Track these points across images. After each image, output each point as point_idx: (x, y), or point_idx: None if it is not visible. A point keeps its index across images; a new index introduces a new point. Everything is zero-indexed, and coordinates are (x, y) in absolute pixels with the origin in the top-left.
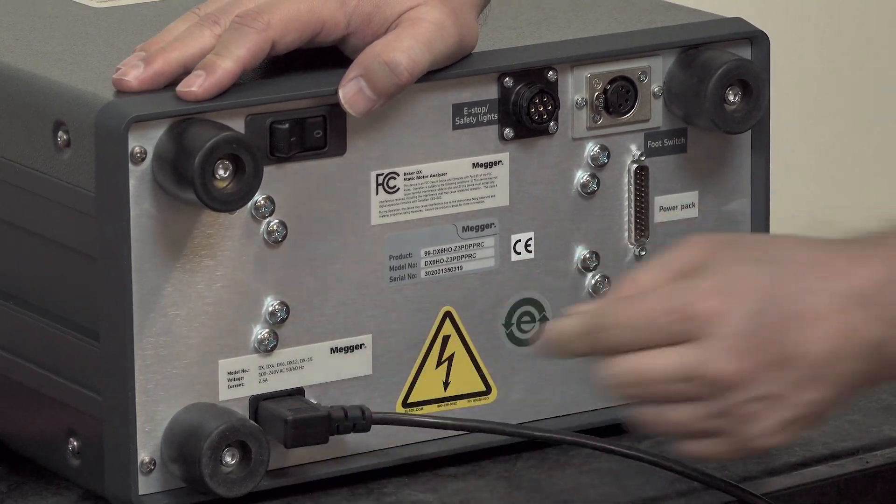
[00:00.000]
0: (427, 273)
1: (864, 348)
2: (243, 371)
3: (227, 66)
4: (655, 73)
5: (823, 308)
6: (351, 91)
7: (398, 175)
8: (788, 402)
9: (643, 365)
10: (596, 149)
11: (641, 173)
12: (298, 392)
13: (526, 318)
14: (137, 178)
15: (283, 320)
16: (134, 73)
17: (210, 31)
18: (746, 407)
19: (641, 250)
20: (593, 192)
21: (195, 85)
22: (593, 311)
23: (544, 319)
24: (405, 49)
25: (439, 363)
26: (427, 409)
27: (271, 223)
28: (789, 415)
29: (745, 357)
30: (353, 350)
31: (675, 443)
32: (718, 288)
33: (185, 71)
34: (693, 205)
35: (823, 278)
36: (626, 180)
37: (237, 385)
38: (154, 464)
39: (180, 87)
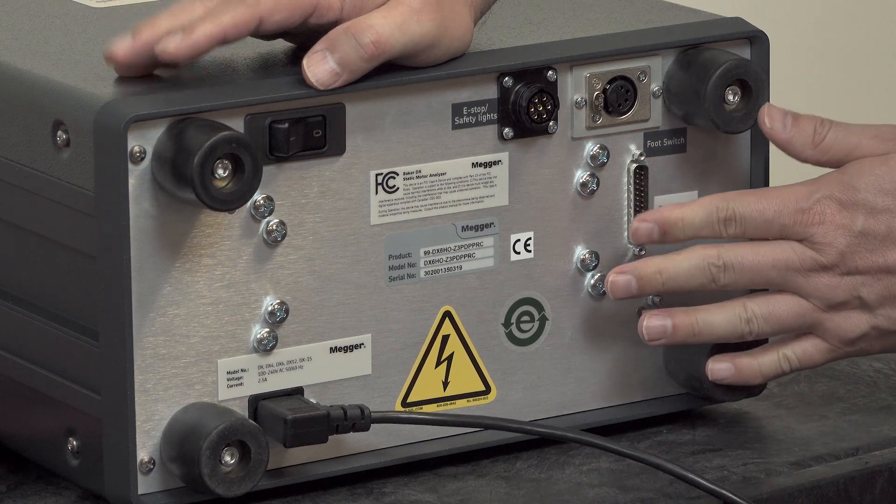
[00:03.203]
0: (426, 273)
1: None
2: (242, 370)
3: (206, 28)
4: (655, 72)
5: None
6: (315, 61)
7: (397, 175)
8: (880, 312)
9: (759, 249)
10: (595, 148)
11: (641, 173)
12: (298, 391)
13: (525, 318)
14: (137, 177)
15: (283, 320)
16: (122, 45)
17: (202, 4)
18: (840, 307)
19: (641, 250)
20: (593, 192)
21: (172, 44)
22: (721, 199)
23: (544, 319)
24: (373, 25)
25: (439, 363)
26: (426, 409)
27: (271, 223)
28: (880, 325)
29: (841, 264)
30: (352, 350)
31: (773, 343)
32: (841, 199)
33: None
34: None
35: None
36: (625, 180)
37: (236, 384)
38: (153, 463)
39: (157, 46)
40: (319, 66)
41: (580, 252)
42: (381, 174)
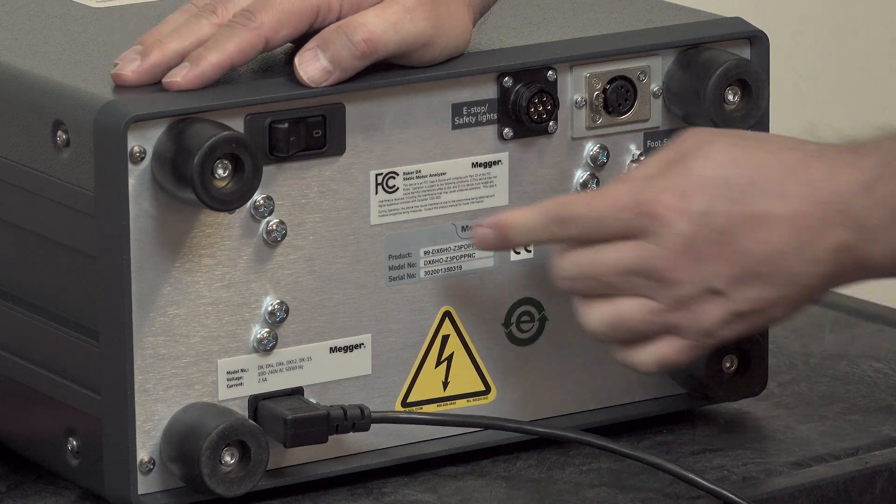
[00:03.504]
0: (426, 273)
1: (826, 252)
2: (242, 370)
3: (212, 58)
4: (655, 72)
5: (788, 211)
6: (307, 59)
7: (397, 175)
8: (735, 297)
9: (597, 254)
10: (595, 148)
11: None
12: (298, 391)
13: (525, 318)
14: (137, 177)
15: (283, 320)
16: (131, 67)
17: (207, 21)
18: (691, 301)
19: None
20: None
21: (179, 76)
22: (555, 202)
23: (544, 319)
24: (366, 23)
25: (438, 363)
26: (426, 409)
27: (270, 223)
28: (738, 308)
29: (685, 255)
30: (352, 350)
31: (626, 351)
32: (680, 187)
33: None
34: None
35: (798, 183)
36: None
37: (236, 384)
38: (153, 463)
39: (165, 78)
40: (311, 65)
41: None
42: (381, 174)
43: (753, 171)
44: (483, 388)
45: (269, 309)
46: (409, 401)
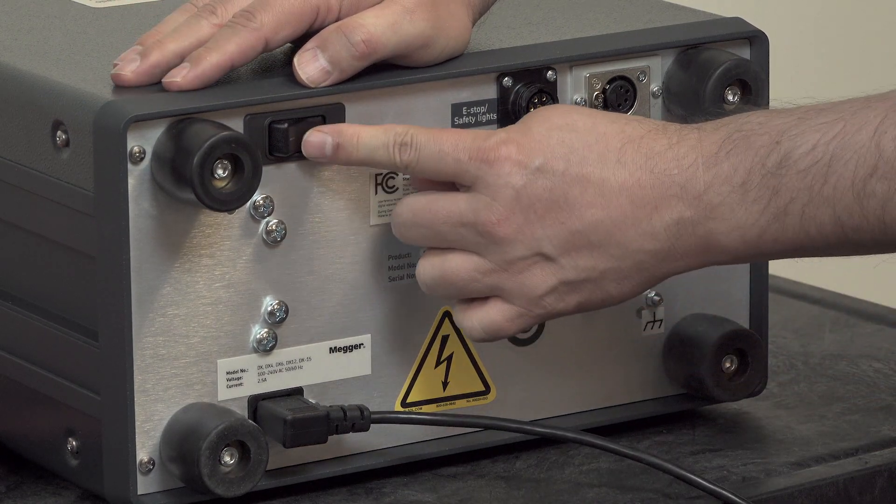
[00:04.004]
0: None
1: (663, 225)
2: (242, 371)
3: (212, 59)
4: (654, 72)
5: (624, 179)
6: (306, 59)
7: (397, 175)
8: (564, 263)
9: (432, 201)
10: None
11: None
12: (297, 392)
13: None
14: (136, 177)
15: (282, 320)
16: (131, 67)
17: (207, 21)
18: (520, 263)
19: None
20: None
21: (179, 76)
22: (402, 126)
23: None
24: (365, 24)
25: (438, 363)
26: (426, 409)
27: (270, 223)
28: (567, 276)
29: (516, 211)
30: (352, 350)
31: (458, 311)
32: (519, 141)
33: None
34: None
35: (637, 151)
36: None
37: (236, 385)
38: (153, 463)
39: (165, 78)
40: (310, 65)
41: None
42: (381, 174)
43: (593, 137)
44: (483, 389)
45: (269, 309)
46: (408, 401)
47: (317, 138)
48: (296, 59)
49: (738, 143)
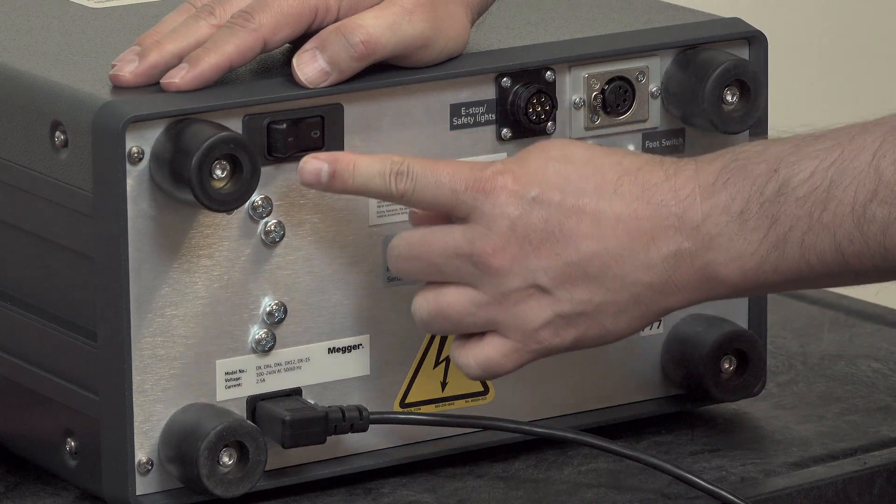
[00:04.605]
0: None
1: (660, 257)
2: (241, 371)
3: (211, 59)
4: (653, 73)
5: (621, 210)
6: (305, 60)
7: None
8: (560, 296)
9: (428, 234)
10: None
11: None
12: (296, 392)
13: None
14: (135, 178)
15: (281, 320)
16: (129, 68)
17: (206, 21)
18: (515, 295)
19: None
20: None
21: (177, 77)
22: (399, 155)
23: None
24: (364, 25)
25: (437, 363)
26: (425, 410)
27: (269, 223)
28: (563, 309)
29: (511, 241)
30: (350, 350)
31: (454, 349)
32: (516, 172)
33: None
34: None
35: (634, 183)
36: None
37: (235, 385)
38: (151, 464)
39: (164, 79)
40: (309, 65)
41: None
42: None
43: (589, 169)
44: (481, 389)
45: (268, 309)
46: (407, 401)
47: (313, 166)
48: (294, 60)
49: (735, 172)
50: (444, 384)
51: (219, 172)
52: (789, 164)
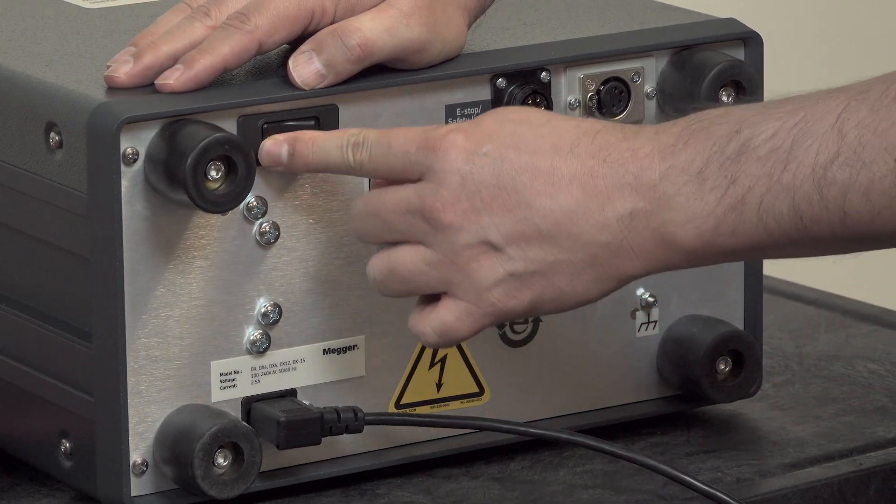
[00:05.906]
0: None
1: (616, 217)
2: (236, 372)
3: (206, 61)
4: (649, 73)
5: (577, 168)
6: (301, 62)
7: None
8: (512, 254)
9: (382, 192)
10: None
11: None
12: (291, 393)
13: (519, 319)
14: (129, 179)
15: (276, 321)
16: (124, 69)
17: (201, 23)
18: (466, 252)
19: None
20: None
21: (172, 78)
22: (354, 128)
23: (537, 320)
24: (361, 28)
25: (432, 364)
26: (420, 411)
27: (264, 224)
28: (515, 268)
29: (462, 197)
30: (345, 351)
31: (412, 318)
32: (468, 130)
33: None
34: None
35: (592, 143)
36: None
37: (229, 386)
38: (146, 465)
39: (158, 80)
40: (305, 67)
41: None
42: None
43: (546, 129)
44: (477, 390)
45: (263, 310)
46: (402, 402)
47: (273, 146)
48: (291, 62)
49: (696, 133)
50: (439, 385)
51: (213, 173)
52: (752, 125)
